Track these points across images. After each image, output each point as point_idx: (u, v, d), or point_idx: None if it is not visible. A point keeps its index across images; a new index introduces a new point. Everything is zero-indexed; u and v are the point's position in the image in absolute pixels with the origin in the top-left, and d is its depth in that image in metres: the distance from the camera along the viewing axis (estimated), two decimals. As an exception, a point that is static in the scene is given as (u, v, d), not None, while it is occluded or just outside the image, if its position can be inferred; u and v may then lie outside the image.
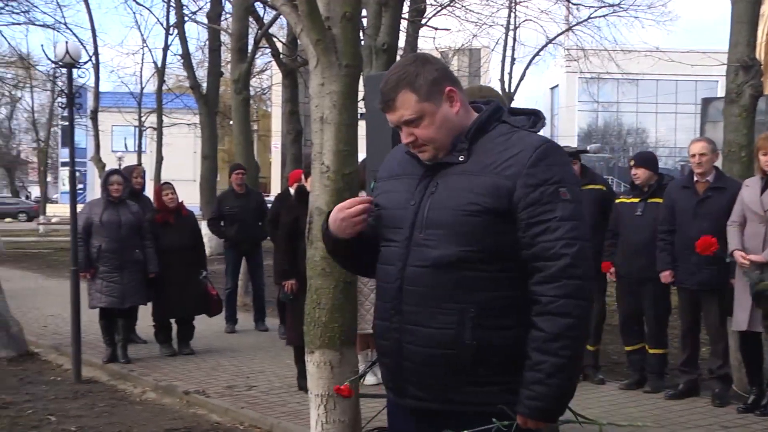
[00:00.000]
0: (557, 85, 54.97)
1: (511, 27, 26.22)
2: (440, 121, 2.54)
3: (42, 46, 31.08)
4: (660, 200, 6.77)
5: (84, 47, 18.28)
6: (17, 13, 21.02)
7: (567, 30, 25.71)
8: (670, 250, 6.57)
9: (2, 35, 46.59)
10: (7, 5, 19.44)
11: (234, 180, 10.18)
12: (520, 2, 24.75)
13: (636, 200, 6.94)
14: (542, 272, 2.42)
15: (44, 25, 21.49)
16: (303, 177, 7.26)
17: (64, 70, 9.80)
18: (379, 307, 2.66)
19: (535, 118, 2.64)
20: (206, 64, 21.91)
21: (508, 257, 2.46)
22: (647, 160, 7.11)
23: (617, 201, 7.15)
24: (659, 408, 6.41)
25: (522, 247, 2.44)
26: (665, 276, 6.59)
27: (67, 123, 17.47)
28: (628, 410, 6.32)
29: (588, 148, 16.57)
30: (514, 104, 25.51)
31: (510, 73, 27.19)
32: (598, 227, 7.02)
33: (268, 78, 34.07)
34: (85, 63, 9.38)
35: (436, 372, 2.51)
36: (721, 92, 22.48)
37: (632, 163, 7.10)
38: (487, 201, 2.44)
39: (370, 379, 6.63)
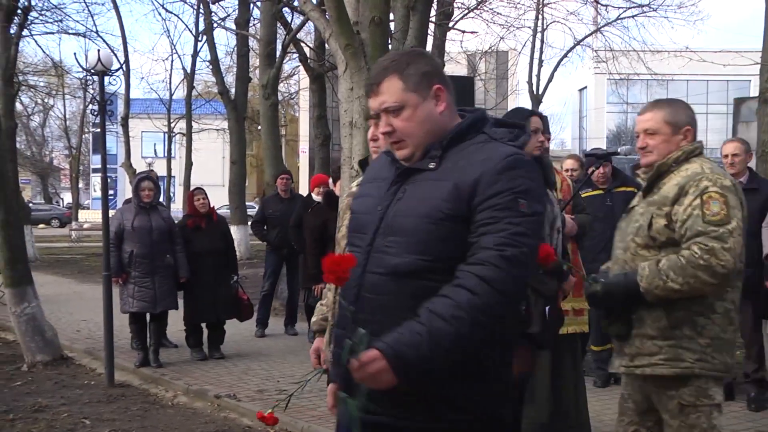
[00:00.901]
0: (585, 87, 54.56)
1: (539, 29, 26.09)
2: (422, 115, 2.44)
3: (75, 54, 31.50)
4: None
5: (115, 55, 18.43)
6: (50, 23, 21.25)
7: (595, 31, 25.53)
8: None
9: (36, 44, 47.24)
10: (41, 14, 19.67)
11: (279, 185, 10.41)
12: (548, 4, 24.64)
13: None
14: (469, 258, 2.31)
15: (76, 34, 21.65)
16: (331, 181, 7.28)
17: (95, 78, 9.92)
18: (338, 315, 2.57)
19: (518, 131, 2.52)
20: (235, 70, 22.02)
21: None
22: None
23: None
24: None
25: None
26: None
27: (98, 130, 17.60)
28: (661, 414, 6.24)
29: (619, 150, 16.39)
30: (542, 107, 25.47)
31: (538, 76, 27.06)
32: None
33: (296, 83, 34.14)
34: (117, 70, 9.47)
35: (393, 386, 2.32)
36: (753, 92, 22.20)
37: None
38: (449, 207, 2.34)
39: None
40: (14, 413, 6.66)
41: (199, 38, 24.10)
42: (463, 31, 18.41)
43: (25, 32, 18.21)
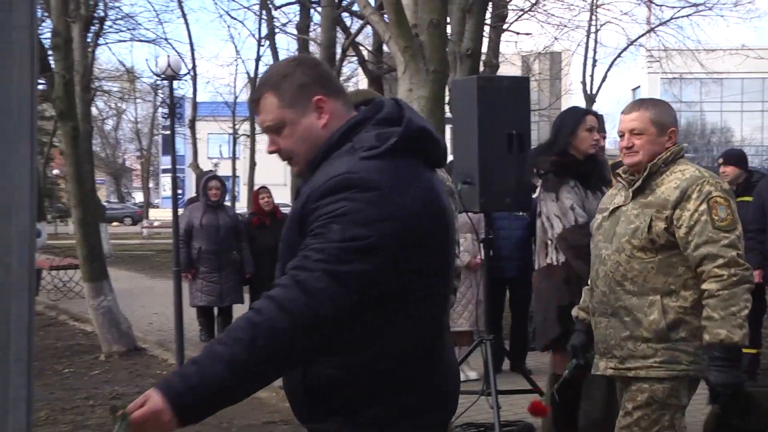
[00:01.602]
0: (639, 86, 53.70)
1: (593, 29, 25.74)
2: (301, 132, 2.18)
3: (146, 60, 32.06)
4: (748, 199, 6.52)
5: (183, 60, 18.74)
6: (123, 31, 21.75)
7: (649, 31, 25.10)
8: (760, 249, 6.32)
9: (110, 51, 48.30)
10: (114, 23, 20.14)
11: None
12: (602, 5, 24.31)
13: (722, 198, 6.72)
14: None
15: (147, 41, 22.12)
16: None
17: (165, 82, 10.14)
18: None
19: (390, 131, 2.11)
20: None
21: None
22: (736, 157, 6.86)
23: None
24: (748, 406, 6.21)
25: None
26: (756, 275, 6.35)
27: (168, 132, 17.86)
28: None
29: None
30: (595, 106, 25.13)
31: (591, 75, 26.69)
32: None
33: (355, 84, 34.26)
34: (185, 75, 9.65)
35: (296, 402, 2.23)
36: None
37: (720, 161, 6.86)
38: (296, 230, 2.11)
39: (470, 374, 6.65)
40: (94, 400, 6.85)
41: (262, 43, 24.34)
42: (518, 33, 18.33)
43: (100, 40, 18.67)
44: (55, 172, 37.11)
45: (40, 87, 19.20)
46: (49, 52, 15.38)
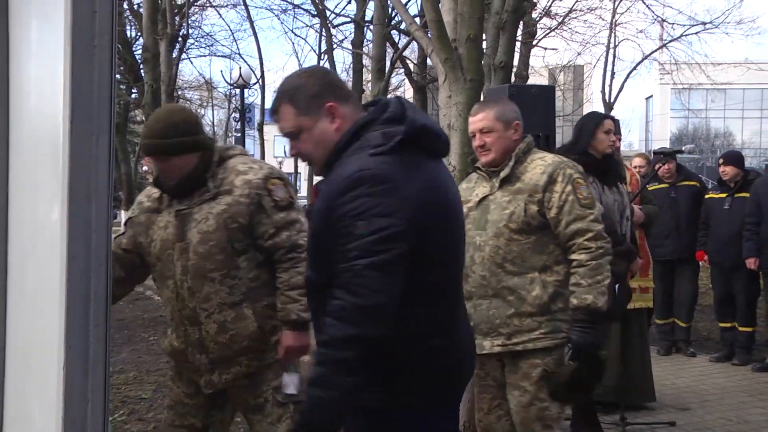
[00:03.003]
0: (652, 96, 52.80)
1: (611, 45, 25.34)
2: (317, 137, 2.14)
3: (221, 72, 32.40)
4: (746, 194, 6.46)
5: (253, 72, 18.85)
6: (203, 47, 22.00)
7: (661, 47, 24.64)
8: (755, 239, 6.26)
9: (191, 64, 48.82)
10: (196, 41, 20.41)
11: None
12: (619, 24, 23.89)
13: (724, 195, 6.61)
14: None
15: (223, 56, 22.40)
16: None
17: (237, 91, 10.24)
18: None
19: (396, 129, 2.08)
20: (350, 83, 22.22)
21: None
22: (734, 158, 6.79)
23: (706, 197, 6.82)
24: (747, 379, 6.06)
25: None
26: (750, 262, 6.27)
27: (239, 134, 17.96)
28: (717, 380, 6.00)
29: (683, 148, 15.75)
30: (613, 113, 24.73)
31: (610, 86, 26.30)
32: (694, 219, 6.78)
33: (402, 93, 34.25)
34: (254, 84, 9.68)
35: None
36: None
37: (721, 161, 6.77)
38: (321, 227, 2.09)
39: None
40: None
41: (322, 57, 24.38)
42: (545, 48, 18.10)
43: (183, 55, 18.87)
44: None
45: (132, 96, 19.46)
46: (140, 65, 15.55)
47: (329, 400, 1.97)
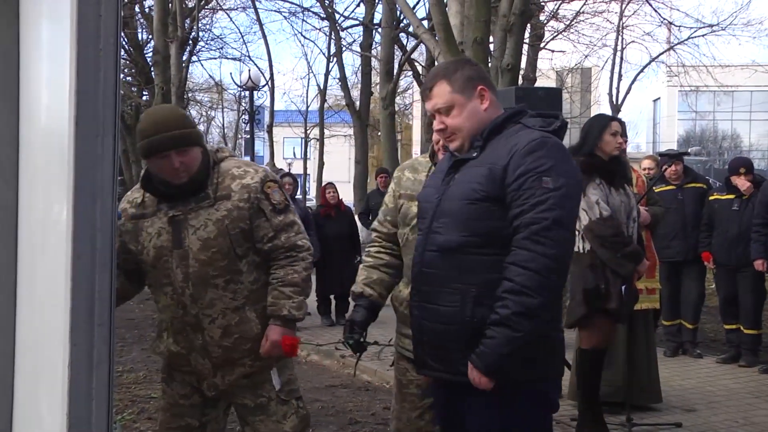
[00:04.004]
0: (659, 98, 52.57)
1: (619, 48, 25.27)
2: (468, 112, 2.40)
3: (231, 74, 32.50)
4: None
5: (262, 74, 18.89)
6: (213, 50, 22.06)
7: (668, 49, 24.54)
8: (763, 241, 6.19)
9: (202, 67, 49.07)
10: (206, 43, 20.47)
11: (379, 182, 10.40)
12: (627, 26, 23.82)
13: (731, 197, 6.56)
14: (512, 244, 2.25)
15: (233, 58, 22.44)
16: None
17: (247, 93, 10.27)
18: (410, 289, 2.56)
19: (552, 119, 2.44)
20: (359, 86, 22.23)
21: (504, 242, 2.26)
22: (749, 165, 6.67)
23: (711, 198, 6.77)
24: (754, 380, 6.02)
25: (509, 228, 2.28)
26: (758, 264, 6.21)
27: (249, 136, 18.01)
28: (724, 381, 5.97)
29: (689, 150, 15.71)
30: (620, 115, 24.63)
31: (617, 88, 26.25)
32: (700, 221, 6.74)
33: (410, 95, 34.22)
34: (263, 87, 9.71)
35: (445, 345, 2.37)
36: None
37: (742, 170, 6.55)
38: (484, 188, 2.29)
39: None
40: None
41: (331, 60, 24.42)
42: (553, 51, 18.06)
43: (193, 58, 18.93)
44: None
45: (143, 98, 19.51)
46: (151, 68, 15.58)
47: (512, 339, 2.20)
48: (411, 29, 15.06)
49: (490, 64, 8.09)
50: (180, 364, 2.91)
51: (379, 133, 22.88)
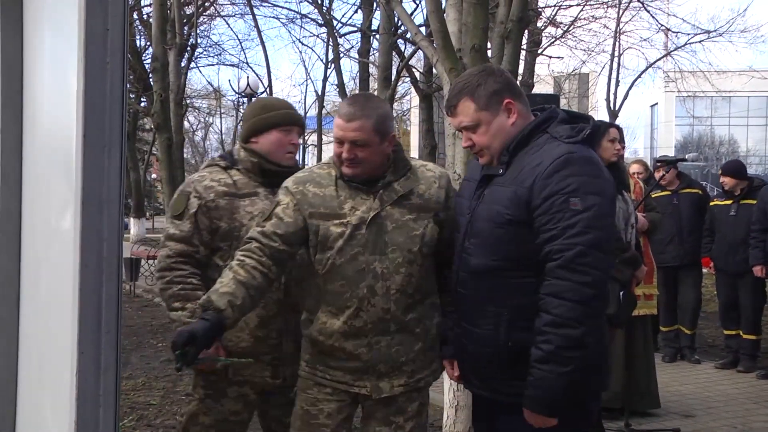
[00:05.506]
0: (656, 103, 52.70)
1: (616, 54, 25.30)
2: (495, 130, 2.30)
3: (229, 81, 32.69)
4: (752, 201, 6.43)
5: (260, 81, 18.92)
6: (211, 56, 22.11)
7: (666, 55, 24.58)
8: (762, 246, 6.22)
9: (200, 73, 49.09)
10: (205, 50, 20.52)
11: None
12: (624, 32, 23.88)
13: (729, 202, 6.60)
14: (546, 273, 2.15)
15: (231, 65, 22.49)
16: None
17: (245, 100, 10.28)
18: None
19: (581, 125, 2.29)
20: (357, 92, 22.27)
21: (536, 265, 2.17)
22: (732, 168, 6.79)
23: (711, 204, 6.82)
24: (752, 386, 6.04)
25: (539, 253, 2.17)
26: (757, 270, 6.24)
27: (247, 142, 17.70)
28: (722, 387, 5.99)
29: (687, 156, 15.77)
30: (618, 121, 24.69)
31: (615, 94, 26.25)
32: (696, 226, 6.77)
33: (408, 101, 34.26)
34: (262, 93, 9.71)
35: (484, 366, 2.34)
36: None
37: (720, 172, 6.81)
38: (510, 213, 2.21)
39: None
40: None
41: (329, 66, 24.48)
42: (550, 57, 18.08)
43: (192, 64, 18.96)
44: (153, 176, 37.84)
45: (141, 104, 19.54)
46: (150, 75, 15.62)
47: (563, 374, 2.11)
48: (409, 36, 15.12)
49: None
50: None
51: (377, 139, 22.80)
